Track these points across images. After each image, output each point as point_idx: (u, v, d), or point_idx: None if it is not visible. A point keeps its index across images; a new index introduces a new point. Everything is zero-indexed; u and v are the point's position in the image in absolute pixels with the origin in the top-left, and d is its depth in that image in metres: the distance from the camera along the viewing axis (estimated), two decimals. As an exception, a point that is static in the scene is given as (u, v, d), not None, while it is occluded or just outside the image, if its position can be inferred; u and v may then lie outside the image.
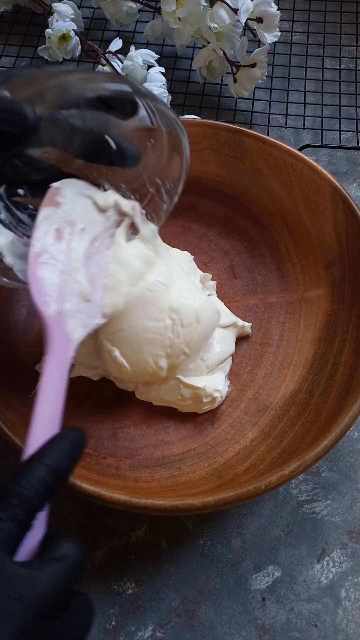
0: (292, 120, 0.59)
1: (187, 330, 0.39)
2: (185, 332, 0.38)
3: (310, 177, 0.44)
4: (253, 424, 0.41)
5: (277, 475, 0.33)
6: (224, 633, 0.38)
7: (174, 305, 0.38)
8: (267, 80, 0.59)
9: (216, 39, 0.54)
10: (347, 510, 0.41)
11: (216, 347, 0.42)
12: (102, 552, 0.40)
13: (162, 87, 0.53)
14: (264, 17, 0.52)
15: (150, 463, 0.39)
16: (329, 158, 0.57)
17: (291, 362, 0.43)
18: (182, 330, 0.38)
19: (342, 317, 0.42)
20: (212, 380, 0.41)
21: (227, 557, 0.40)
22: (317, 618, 0.38)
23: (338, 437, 0.34)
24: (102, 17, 0.63)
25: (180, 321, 0.38)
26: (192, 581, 0.39)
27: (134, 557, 0.40)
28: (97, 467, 0.38)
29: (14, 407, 0.39)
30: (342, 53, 0.63)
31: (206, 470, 0.38)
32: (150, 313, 0.38)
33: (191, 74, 0.61)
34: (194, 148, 0.47)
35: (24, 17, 0.66)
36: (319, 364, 0.41)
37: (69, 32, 0.57)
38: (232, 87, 0.56)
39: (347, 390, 0.37)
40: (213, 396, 0.40)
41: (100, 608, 0.38)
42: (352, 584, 0.39)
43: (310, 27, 0.65)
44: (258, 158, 0.46)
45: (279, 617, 0.38)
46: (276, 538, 0.40)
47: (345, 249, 0.42)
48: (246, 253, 0.48)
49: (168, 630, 0.38)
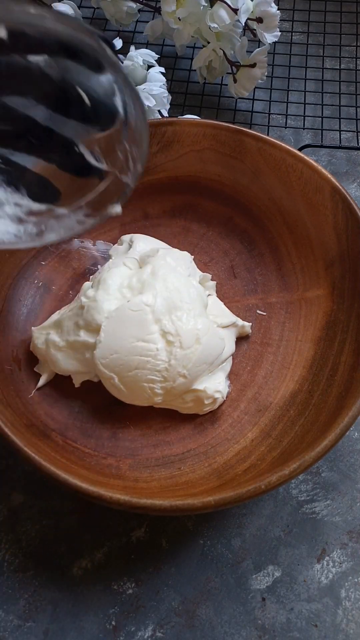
0: (292, 120, 0.59)
1: (186, 352, 0.39)
2: (183, 353, 0.39)
3: (310, 177, 0.44)
4: (253, 424, 0.41)
5: (277, 475, 0.33)
6: (224, 633, 0.38)
7: (169, 328, 0.39)
8: (267, 80, 0.59)
9: (216, 39, 0.54)
10: (347, 510, 0.41)
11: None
12: (102, 552, 0.40)
13: (162, 87, 0.53)
14: (264, 17, 0.52)
15: (150, 463, 0.39)
16: (329, 158, 0.57)
17: (291, 362, 0.43)
18: (180, 352, 0.39)
19: (342, 317, 0.42)
20: (212, 381, 0.41)
21: (227, 557, 0.40)
22: (317, 618, 0.38)
23: (338, 437, 0.35)
24: (102, 17, 0.63)
25: (180, 343, 0.39)
26: (192, 581, 0.39)
27: (134, 557, 0.40)
28: (97, 467, 0.38)
29: (14, 407, 0.39)
30: (342, 53, 0.63)
31: (206, 470, 0.38)
32: (136, 333, 0.39)
33: (191, 74, 0.61)
34: (194, 148, 0.47)
35: (24, 17, 0.66)
36: (319, 364, 0.41)
37: (69, 32, 0.56)
38: (232, 87, 0.56)
39: (347, 390, 0.37)
40: (214, 397, 0.40)
41: (100, 608, 0.38)
42: (352, 584, 0.39)
43: (310, 27, 0.65)
44: (258, 158, 0.46)
45: (279, 617, 0.38)
46: (276, 538, 0.40)
47: (345, 249, 0.42)
48: (246, 253, 0.48)
49: (168, 630, 0.38)
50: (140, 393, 0.39)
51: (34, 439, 0.37)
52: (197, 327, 0.39)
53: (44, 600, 0.39)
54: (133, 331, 0.39)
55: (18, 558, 0.40)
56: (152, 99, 0.51)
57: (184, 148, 0.47)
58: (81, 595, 0.39)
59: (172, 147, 0.47)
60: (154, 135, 0.46)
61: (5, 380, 0.40)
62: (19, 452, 0.35)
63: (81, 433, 0.41)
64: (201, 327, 0.39)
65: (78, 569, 0.40)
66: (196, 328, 0.39)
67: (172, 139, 0.47)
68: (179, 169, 0.48)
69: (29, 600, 0.39)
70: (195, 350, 0.39)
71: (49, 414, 0.41)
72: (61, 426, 0.41)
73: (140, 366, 0.39)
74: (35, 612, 0.38)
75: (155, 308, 0.39)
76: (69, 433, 0.40)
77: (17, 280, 0.45)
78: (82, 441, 0.40)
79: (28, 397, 0.41)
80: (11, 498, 0.42)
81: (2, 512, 0.41)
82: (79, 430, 0.41)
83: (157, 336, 0.39)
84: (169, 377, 0.39)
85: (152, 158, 0.48)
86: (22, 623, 0.38)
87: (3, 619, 0.38)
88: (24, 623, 0.38)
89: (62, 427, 0.41)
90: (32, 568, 0.40)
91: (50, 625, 0.38)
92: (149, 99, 0.51)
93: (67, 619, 0.38)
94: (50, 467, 0.34)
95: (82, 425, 0.41)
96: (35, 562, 0.40)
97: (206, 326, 0.40)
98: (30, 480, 0.42)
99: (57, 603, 0.39)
